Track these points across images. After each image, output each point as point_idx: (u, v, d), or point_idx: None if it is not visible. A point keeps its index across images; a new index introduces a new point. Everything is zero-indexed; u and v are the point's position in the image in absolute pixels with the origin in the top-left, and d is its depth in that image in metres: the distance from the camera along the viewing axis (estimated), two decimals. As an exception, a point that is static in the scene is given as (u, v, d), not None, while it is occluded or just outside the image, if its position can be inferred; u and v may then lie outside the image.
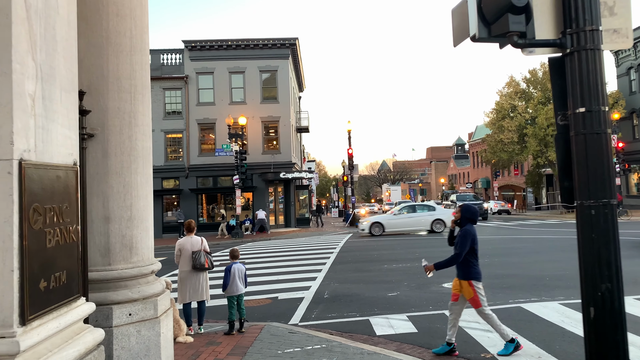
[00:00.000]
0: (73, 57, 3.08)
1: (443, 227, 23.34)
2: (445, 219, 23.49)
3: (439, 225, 23.46)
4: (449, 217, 24.06)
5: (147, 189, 4.74)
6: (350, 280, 11.95)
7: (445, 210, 24.94)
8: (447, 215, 23.84)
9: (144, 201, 4.67)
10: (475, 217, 6.25)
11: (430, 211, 24.13)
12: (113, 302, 4.30)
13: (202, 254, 7.64)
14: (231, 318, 7.68)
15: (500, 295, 9.34)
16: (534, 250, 15.92)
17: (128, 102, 4.57)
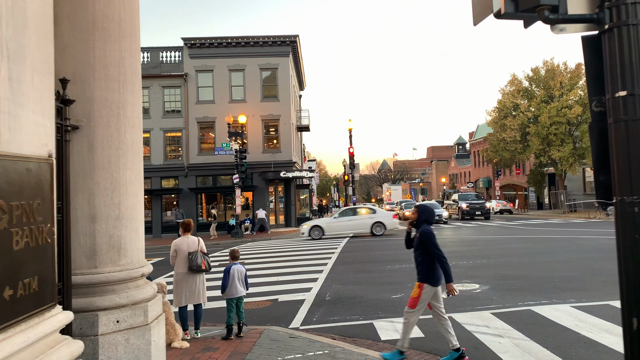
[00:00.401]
0: (48, 36, 2.74)
1: (383, 229, 23.53)
2: (385, 222, 23.73)
3: (379, 228, 23.52)
4: (389, 220, 23.97)
5: (137, 186, 4.41)
6: (352, 282, 11.62)
7: (385, 213, 24.90)
8: (387, 218, 24.06)
9: (133, 199, 4.33)
10: (431, 218, 6.04)
11: (371, 214, 24.08)
12: (99, 309, 3.97)
13: (198, 255, 7.31)
14: (229, 322, 7.38)
15: (509, 298, 9.00)
16: (541, 250, 15.58)
17: (116, 91, 4.23)
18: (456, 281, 10.99)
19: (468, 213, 35.74)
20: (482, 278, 11.07)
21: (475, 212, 35.84)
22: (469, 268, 12.63)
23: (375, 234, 23.42)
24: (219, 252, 20.23)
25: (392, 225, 23.99)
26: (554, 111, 36.74)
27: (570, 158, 36.95)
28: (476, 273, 11.80)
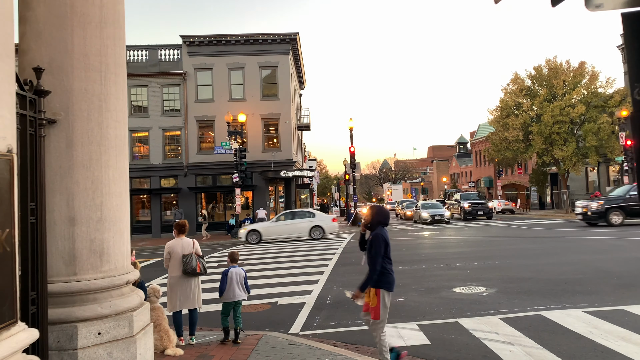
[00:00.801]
0: (6, 14, 2.38)
1: (322, 233, 23.24)
2: (324, 226, 23.46)
3: (318, 231, 23.22)
4: (328, 224, 23.64)
5: (122, 185, 4.06)
6: (354, 284, 11.17)
7: (325, 216, 24.55)
8: (326, 222, 23.77)
9: (117, 199, 3.98)
10: (386, 220, 5.74)
11: (309, 218, 23.75)
12: (78, 320, 3.62)
13: (193, 258, 6.97)
14: (225, 324, 7.09)
15: (517, 302, 8.64)
16: (546, 251, 15.21)
17: (97, 82, 3.88)
18: (461, 284, 10.68)
19: (470, 213, 35.39)
20: (488, 281, 10.72)
21: (477, 212, 35.49)
22: (474, 270, 12.27)
23: (314, 238, 23.05)
24: (219, 252, 19.89)
25: (331, 229, 23.67)
26: (557, 110, 36.34)
27: (574, 157, 36.56)
28: (481, 275, 11.45)
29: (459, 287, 10.13)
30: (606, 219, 23.05)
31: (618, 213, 23.06)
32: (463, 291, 9.78)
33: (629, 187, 24.51)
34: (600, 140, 35.22)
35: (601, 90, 37.43)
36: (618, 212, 23.07)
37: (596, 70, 37.82)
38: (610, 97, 36.24)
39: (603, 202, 23.88)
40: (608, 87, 37.35)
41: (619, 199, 23.71)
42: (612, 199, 24.31)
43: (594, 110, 36.35)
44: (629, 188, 24.42)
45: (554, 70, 38.87)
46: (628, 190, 23.92)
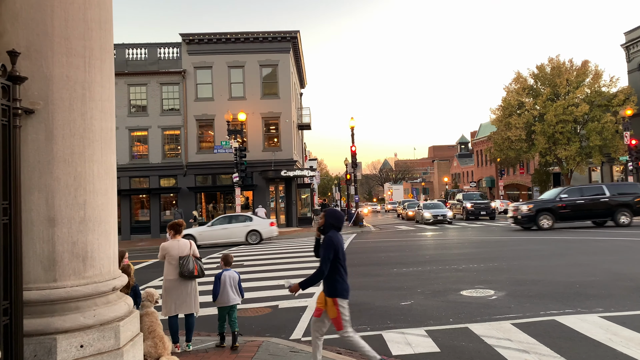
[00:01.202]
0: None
1: (258, 238, 22.84)
2: (261, 230, 23.08)
3: (254, 236, 22.84)
4: (266, 229, 23.17)
5: (108, 182, 3.70)
6: (357, 286, 10.88)
7: (262, 221, 24.00)
8: (264, 226, 23.33)
9: (102, 198, 3.62)
10: (340, 224, 5.45)
11: (247, 222, 23.30)
12: (58, 331, 3.26)
13: (190, 260, 6.62)
14: (221, 330, 6.83)
15: (528, 306, 8.28)
16: (553, 252, 14.85)
17: (81, 69, 3.52)
18: (468, 286, 10.31)
19: (473, 213, 35.02)
20: (496, 283, 10.35)
21: (480, 212, 35.11)
22: (481, 272, 11.91)
23: (251, 243, 22.64)
24: (219, 253, 19.52)
25: (268, 233, 23.23)
26: (560, 109, 35.98)
27: (577, 157, 36.22)
28: (489, 277, 11.08)
29: (467, 290, 9.77)
30: (536, 223, 22.51)
31: (548, 217, 22.52)
32: (471, 294, 9.42)
33: (559, 190, 23.95)
34: (604, 139, 34.87)
35: (605, 89, 37.09)
36: (548, 216, 22.54)
37: (600, 69, 37.52)
38: (614, 96, 35.88)
39: (533, 205, 23.33)
40: (612, 86, 37.01)
41: (550, 202, 23.16)
42: (543, 202, 23.77)
43: (597, 109, 35.99)
44: (559, 191, 23.88)
45: (557, 69, 38.53)
46: (559, 193, 23.39)
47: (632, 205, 22.66)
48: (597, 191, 23.13)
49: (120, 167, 31.74)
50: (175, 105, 32.34)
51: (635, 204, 22.74)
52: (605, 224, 23.37)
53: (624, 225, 22.23)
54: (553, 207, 22.64)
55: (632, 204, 22.68)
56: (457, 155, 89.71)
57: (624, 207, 22.52)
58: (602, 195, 22.72)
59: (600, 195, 22.77)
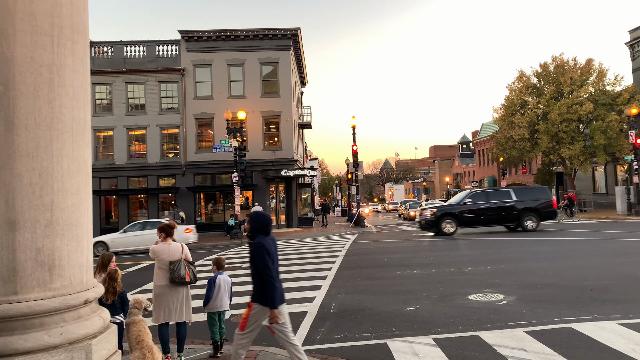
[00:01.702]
0: None
1: None
2: (176, 237, 21.95)
3: None
4: (180, 235, 22.01)
5: (80, 180, 3.25)
6: (360, 290, 10.46)
7: (178, 227, 23.13)
8: (178, 232, 21.85)
9: (73, 197, 3.18)
10: (266, 227, 5.09)
11: None
12: (18, 352, 2.82)
13: (182, 265, 6.18)
14: (214, 338, 6.52)
15: (540, 312, 7.83)
16: (561, 254, 14.40)
17: (48, 50, 3.08)
18: (476, 290, 9.87)
19: (476, 213, 34.47)
20: (505, 287, 9.91)
21: (483, 212, 34.58)
22: (488, 274, 11.46)
23: None
24: (216, 254, 19.07)
25: (183, 240, 21.82)
26: (564, 108, 35.50)
27: (581, 156, 35.72)
28: (496, 280, 10.64)
29: (475, 294, 9.32)
30: (438, 228, 21.80)
31: (450, 221, 21.80)
32: (479, 299, 8.97)
33: (464, 194, 23.30)
34: (608, 138, 34.37)
35: (609, 87, 36.60)
36: (450, 221, 21.80)
37: (604, 68, 37.00)
38: (619, 94, 35.40)
39: (436, 209, 22.64)
40: (616, 85, 36.52)
41: (454, 206, 22.50)
42: (446, 206, 23.16)
43: (601, 108, 35.51)
44: (464, 195, 23.25)
45: (560, 68, 38.06)
46: (463, 198, 22.76)
47: (539, 209, 22.08)
48: (504, 196, 22.38)
49: (118, 166, 31.36)
50: (174, 103, 31.90)
51: (543, 208, 22.14)
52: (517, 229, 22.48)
53: (531, 230, 21.62)
54: (456, 212, 21.91)
55: (539, 209, 22.09)
56: (458, 155, 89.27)
57: (530, 212, 21.95)
58: (508, 200, 22.03)
59: (506, 199, 22.07)
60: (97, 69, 31.44)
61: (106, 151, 31.94)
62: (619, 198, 32.17)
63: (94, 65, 31.60)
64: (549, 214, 22.61)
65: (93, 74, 31.31)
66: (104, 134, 31.87)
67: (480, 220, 21.99)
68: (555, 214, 23.25)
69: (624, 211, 31.08)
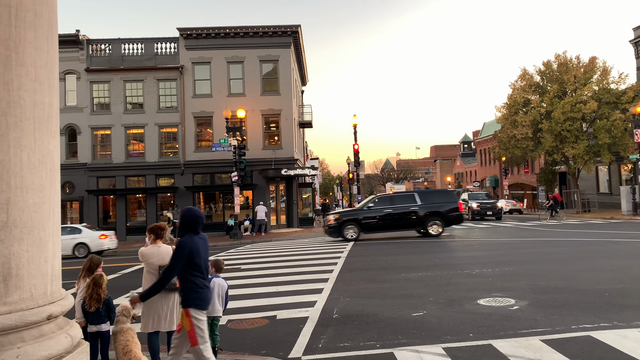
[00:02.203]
0: None
1: (86, 251, 21.59)
2: (89, 243, 21.93)
3: (82, 249, 21.72)
4: (95, 242, 22.01)
5: (44, 176, 2.79)
6: (363, 294, 10.00)
7: (91, 233, 22.53)
8: (92, 238, 22.14)
9: (35, 195, 2.72)
10: (196, 225, 4.78)
11: (74, 234, 22.03)
12: (-37, 380, 2.35)
13: (172, 269, 5.71)
14: None
15: (556, 318, 7.36)
16: (572, 256, 13.92)
17: (4, 22, 2.62)
18: (485, 294, 9.39)
19: (479, 213, 34.11)
20: (516, 291, 9.43)
21: (486, 212, 34.21)
22: (497, 277, 10.99)
23: (78, 256, 21.37)
24: (215, 255, 18.66)
25: (97, 246, 21.98)
26: (567, 106, 34.99)
27: (585, 155, 35.22)
28: (506, 284, 10.16)
29: (484, 299, 8.85)
30: (341, 234, 21.02)
31: (352, 227, 21.06)
32: (489, 304, 8.50)
33: (369, 199, 22.68)
34: (613, 137, 33.86)
35: (613, 86, 36.08)
36: (352, 226, 21.07)
37: (608, 66, 36.48)
38: (623, 92, 34.87)
39: (339, 215, 22.00)
40: (621, 83, 35.99)
41: (357, 212, 21.84)
42: (349, 212, 22.58)
43: (606, 106, 35.00)
44: (368, 200, 22.68)
45: (564, 66, 37.54)
46: (366, 203, 22.18)
47: (444, 214, 21.34)
48: (408, 200, 21.64)
49: (116, 166, 30.91)
50: (172, 102, 31.43)
51: (448, 212, 21.41)
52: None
53: (435, 235, 20.98)
54: (359, 218, 21.20)
55: (444, 213, 21.34)
56: (460, 154, 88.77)
57: (435, 217, 21.21)
58: (412, 205, 21.33)
59: (410, 204, 21.37)
60: (95, 67, 31.00)
61: (104, 150, 31.48)
62: (624, 198, 31.70)
63: (91, 63, 31.17)
64: (454, 218, 21.72)
65: (90, 72, 30.89)
66: (102, 133, 31.42)
67: (384, 225, 21.18)
68: (461, 218, 22.27)
69: (629, 211, 30.60)
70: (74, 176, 30.72)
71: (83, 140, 30.95)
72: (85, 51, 31.08)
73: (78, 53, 30.95)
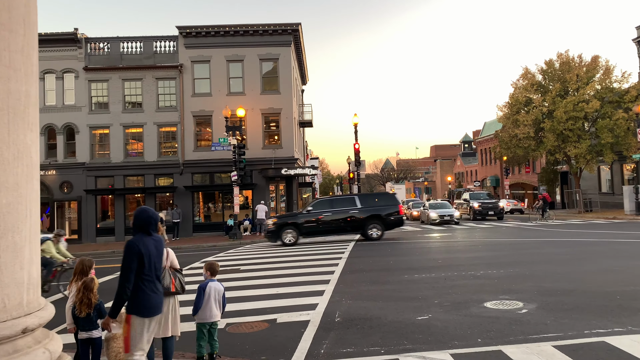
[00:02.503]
0: None
1: None
2: None
3: None
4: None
5: (20, 172, 2.51)
6: (365, 296, 9.73)
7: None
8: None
9: (9, 195, 2.44)
10: (148, 226, 4.58)
11: None
12: None
13: (167, 273, 5.45)
14: (200, 353, 5.88)
15: (567, 322, 7.09)
16: (578, 256, 13.65)
17: (-27, 0, 2.33)
18: (491, 297, 9.12)
19: (480, 213, 33.83)
20: (523, 293, 9.16)
21: (487, 212, 33.93)
22: (502, 279, 10.72)
23: None
24: (214, 256, 18.38)
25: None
26: (570, 106, 34.68)
27: (588, 155, 34.93)
28: (512, 286, 9.89)
29: (491, 302, 8.58)
30: (279, 238, 20.62)
31: (291, 231, 20.60)
32: (497, 307, 8.23)
33: (313, 203, 22.30)
34: (616, 137, 33.57)
35: (616, 85, 35.78)
36: (291, 230, 20.62)
37: (610, 65, 36.18)
38: (626, 92, 34.57)
39: (277, 219, 21.69)
40: (624, 82, 35.67)
41: (296, 215, 21.54)
42: (287, 216, 22.36)
43: (608, 105, 34.71)
44: (309, 203, 22.24)
45: (566, 65, 37.23)
46: (306, 206, 21.92)
47: (384, 217, 21.07)
48: (348, 203, 21.34)
49: (115, 165, 30.62)
50: (171, 101, 31.12)
51: (388, 216, 21.13)
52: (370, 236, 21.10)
53: (375, 238, 20.69)
54: (297, 222, 20.83)
55: (384, 217, 21.07)
56: (460, 154, 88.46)
57: (374, 220, 20.91)
58: (352, 208, 21.00)
59: (350, 207, 21.04)
60: (93, 65, 30.71)
61: (102, 149, 31.19)
62: (627, 198, 31.42)
63: (89, 61, 30.89)
64: (394, 222, 21.41)
65: (89, 71, 30.60)
66: (100, 132, 31.11)
67: (323, 229, 20.82)
68: (401, 222, 21.85)
69: (632, 211, 30.32)
70: (72, 176, 30.44)
71: (81, 140, 30.66)
72: (84, 50, 30.78)
73: (76, 52, 30.66)
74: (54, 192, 30.55)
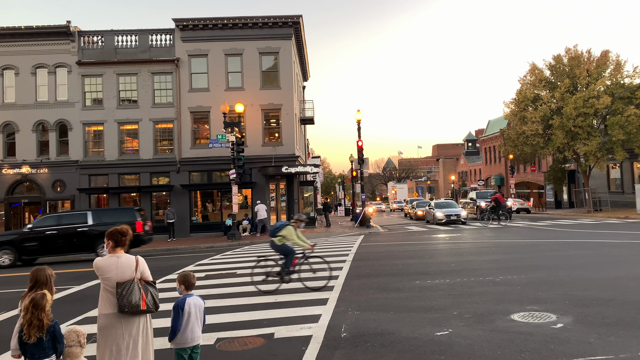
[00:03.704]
0: None
1: None
2: None
3: None
4: None
5: None
6: (374, 306, 8.65)
7: None
8: None
9: None
10: None
11: None
12: None
13: (135, 287, 4.38)
14: None
15: (613, 340, 6.02)
16: (603, 260, 12.57)
17: None
18: (517, 307, 7.98)
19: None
20: (553, 303, 8.09)
21: (495, 212, 32.73)
22: (526, 285, 9.64)
23: None
24: (210, 258, 17.30)
25: None
26: (580, 102, 33.54)
27: (598, 152, 33.78)
28: (539, 294, 8.82)
29: (518, 314, 7.51)
30: None
31: (9, 252, 18.75)
32: (526, 320, 7.17)
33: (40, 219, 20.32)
34: (627, 134, 32.42)
35: (627, 80, 34.64)
36: (7, 251, 18.75)
37: (621, 59, 35.04)
38: (638, 87, 33.45)
39: None
40: (635, 77, 34.53)
41: (14, 234, 19.94)
42: (6, 234, 20.62)
43: (619, 101, 33.57)
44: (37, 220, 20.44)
45: (575, 60, 36.09)
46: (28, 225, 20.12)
47: None
48: (79, 219, 19.59)
49: (109, 163, 29.58)
50: (168, 96, 30.03)
51: None
52: None
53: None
54: (16, 240, 18.98)
55: None
56: (464, 153, 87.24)
57: None
58: (82, 225, 19.27)
59: (80, 224, 19.31)
60: (87, 59, 29.66)
61: (96, 147, 30.14)
62: (639, 197, 30.33)
63: (83, 56, 29.83)
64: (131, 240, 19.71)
65: (82, 65, 29.56)
66: (94, 129, 30.04)
67: (47, 249, 19.11)
68: (142, 241, 19.44)
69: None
70: (64, 174, 29.41)
71: (74, 137, 29.61)
72: (77, 43, 29.73)
73: (69, 45, 29.61)
74: (46, 191, 29.52)
